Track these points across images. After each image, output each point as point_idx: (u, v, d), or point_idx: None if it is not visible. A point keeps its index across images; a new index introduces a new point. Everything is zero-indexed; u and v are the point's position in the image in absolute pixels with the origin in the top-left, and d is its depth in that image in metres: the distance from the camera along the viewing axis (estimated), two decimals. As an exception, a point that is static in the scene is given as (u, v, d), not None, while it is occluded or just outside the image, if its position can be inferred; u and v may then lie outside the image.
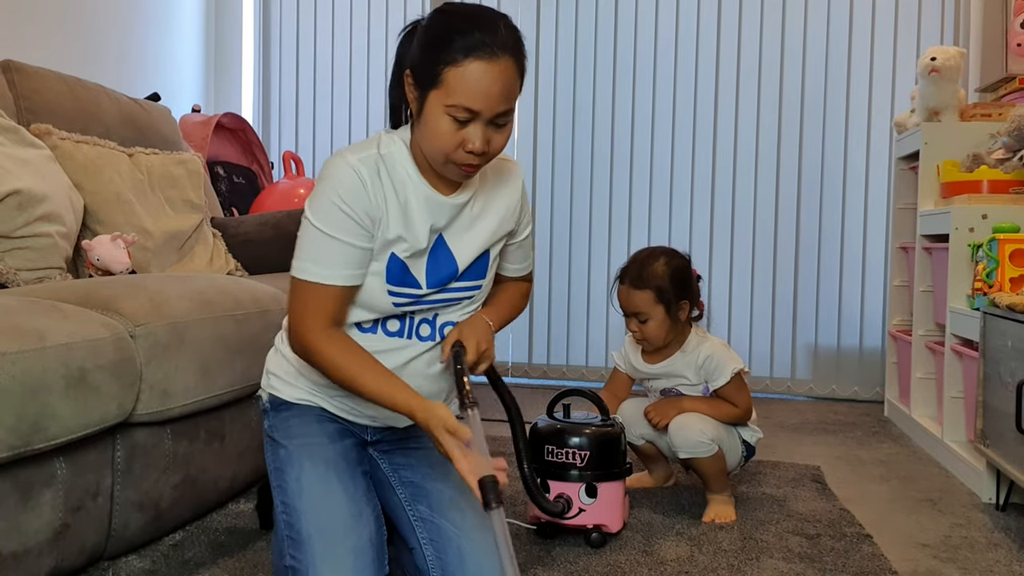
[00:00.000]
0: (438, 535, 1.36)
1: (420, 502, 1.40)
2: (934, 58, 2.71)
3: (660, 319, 1.94)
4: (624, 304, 1.97)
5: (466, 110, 1.21)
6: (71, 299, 1.50)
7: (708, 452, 1.90)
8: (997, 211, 2.33)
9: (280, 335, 1.46)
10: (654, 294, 1.92)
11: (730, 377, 1.96)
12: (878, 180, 3.46)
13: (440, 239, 1.35)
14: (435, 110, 1.22)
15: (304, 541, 1.29)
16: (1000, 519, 1.99)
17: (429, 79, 1.21)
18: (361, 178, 1.27)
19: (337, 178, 1.27)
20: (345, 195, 1.26)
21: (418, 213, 1.31)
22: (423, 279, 1.34)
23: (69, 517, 1.39)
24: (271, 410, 1.44)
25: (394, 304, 1.34)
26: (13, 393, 1.22)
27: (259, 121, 4.01)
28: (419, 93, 1.24)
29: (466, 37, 1.20)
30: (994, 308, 2.01)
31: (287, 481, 1.36)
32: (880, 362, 3.41)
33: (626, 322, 2.00)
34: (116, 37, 3.25)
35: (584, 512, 1.72)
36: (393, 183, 1.30)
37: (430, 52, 1.21)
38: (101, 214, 2.24)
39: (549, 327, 3.77)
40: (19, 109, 2.26)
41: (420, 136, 1.27)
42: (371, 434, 1.48)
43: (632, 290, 1.94)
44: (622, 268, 1.99)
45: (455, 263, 1.36)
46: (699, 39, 3.58)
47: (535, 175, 3.75)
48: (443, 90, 1.20)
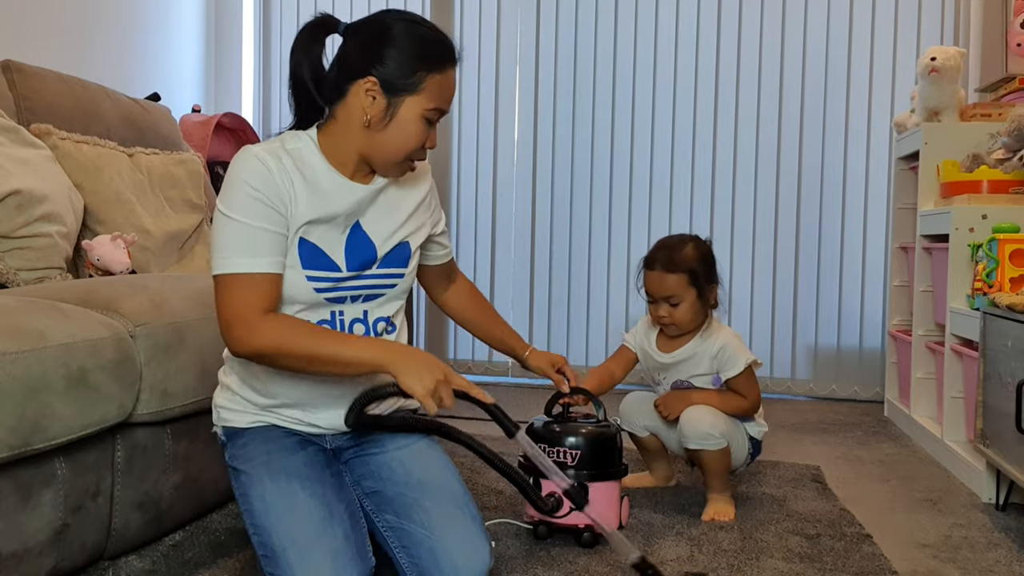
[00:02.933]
0: (408, 540, 1.37)
1: (386, 511, 1.41)
2: (934, 58, 2.71)
3: (691, 302, 1.94)
4: (655, 289, 1.95)
5: (439, 112, 1.34)
6: (71, 299, 1.50)
7: (716, 446, 1.91)
8: (997, 211, 2.33)
9: (221, 371, 1.48)
10: (687, 277, 1.93)
11: (743, 368, 1.95)
12: (878, 180, 3.46)
13: (357, 224, 1.39)
14: (410, 113, 1.32)
15: (279, 555, 1.28)
16: (1000, 519, 1.99)
17: (406, 86, 1.30)
18: (267, 165, 1.30)
19: (245, 169, 1.30)
20: (255, 182, 1.29)
21: (333, 196, 1.35)
22: (342, 261, 1.37)
23: (69, 517, 1.39)
24: (228, 441, 1.45)
25: (315, 289, 1.35)
26: (13, 393, 1.22)
27: (259, 121, 4.01)
28: (389, 99, 1.31)
29: (445, 50, 1.33)
30: (994, 308, 2.01)
31: (251, 502, 1.35)
32: (880, 362, 3.41)
33: (653, 309, 1.98)
34: (116, 37, 3.25)
35: (576, 511, 1.72)
36: (300, 170, 1.34)
37: (414, 62, 1.30)
38: (101, 214, 2.24)
39: (549, 327, 3.77)
40: (19, 109, 2.26)
41: (378, 138, 1.33)
42: (329, 441, 1.47)
43: (665, 274, 1.93)
44: (649, 255, 1.98)
45: (373, 247, 1.40)
46: (699, 39, 3.58)
47: (535, 175, 3.75)
48: (423, 95, 1.31)
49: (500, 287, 3.81)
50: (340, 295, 1.38)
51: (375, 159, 1.36)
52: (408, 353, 1.26)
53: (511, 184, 3.80)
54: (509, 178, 3.80)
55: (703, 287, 1.95)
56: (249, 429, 1.43)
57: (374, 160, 1.37)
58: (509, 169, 3.80)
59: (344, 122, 1.34)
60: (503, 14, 3.71)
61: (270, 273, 1.29)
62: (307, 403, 1.41)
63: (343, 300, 1.39)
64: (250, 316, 1.27)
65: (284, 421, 1.43)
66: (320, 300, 1.37)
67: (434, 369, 1.24)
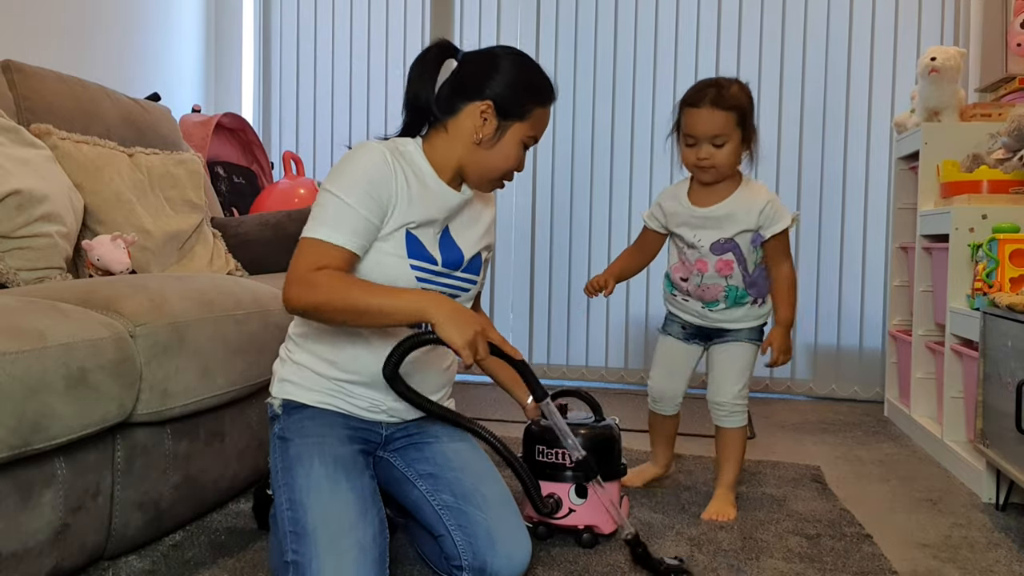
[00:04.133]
0: (466, 521, 1.43)
1: (442, 492, 1.47)
2: (934, 58, 2.71)
3: (735, 145, 1.87)
4: (703, 127, 1.85)
5: (535, 139, 1.52)
6: (71, 299, 1.50)
7: (739, 423, 2.00)
8: (997, 211, 2.33)
9: (284, 347, 1.55)
10: (736, 116, 1.85)
11: (790, 222, 1.93)
12: (878, 180, 3.46)
13: (447, 230, 1.53)
14: (514, 138, 1.48)
15: (308, 534, 1.31)
16: (1000, 519, 1.99)
17: (517, 113, 1.47)
18: (387, 160, 1.42)
19: (366, 156, 1.42)
20: (373, 173, 1.40)
21: (435, 198, 1.49)
22: (438, 256, 1.50)
23: (69, 517, 1.39)
24: (283, 414, 1.49)
25: (416, 278, 1.46)
26: (13, 393, 1.22)
27: (259, 121, 4.01)
28: (500, 122, 1.47)
29: (550, 87, 1.51)
30: (994, 308, 2.01)
31: (295, 478, 1.39)
32: (880, 362, 3.41)
33: (690, 153, 1.88)
34: (116, 37, 3.25)
35: (575, 512, 1.72)
36: (413, 172, 1.47)
37: (525, 93, 1.47)
38: (101, 214, 2.24)
39: (549, 327, 3.77)
40: (19, 109, 2.26)
41: (484, 155, 1.48)
42: (386, 428, 1.53)
43: (716, 110, 1.83)
44: (693, 93, 1.87)
45: (461, 252, 1.53)
46: (699, 39, 3.58)
47: (535, 175, 3.75)
48: (528, 123, 1.49)
49: (500, 287, 3.81)
50: (432, 287, 1.49)
51: (473, 173, 1.50)
52: (449, 304, 1.34)
53: (511, 184, 3.79)
54: (509, 178, 3.80)
55: (749, 130, 1.88)
56: (311, 407, 1.48)
57: (472, 173, 1.51)
58: (509, 169, 3.79)
59: (453, 136, 1.48)
60: (503, 14, 3.71)
61: (346, 249, 1.37)
62: (382, 384, 1.43)
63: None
64: (308, 274, 1.34)
65: (351, 401, 1.49)
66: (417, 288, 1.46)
67: (473, 321, 1.32)
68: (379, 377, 1.42)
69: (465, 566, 1.41)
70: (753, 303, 1.99)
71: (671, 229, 2.02)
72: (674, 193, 2.02)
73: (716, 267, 1.95)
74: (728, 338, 2.01)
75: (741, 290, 1.97)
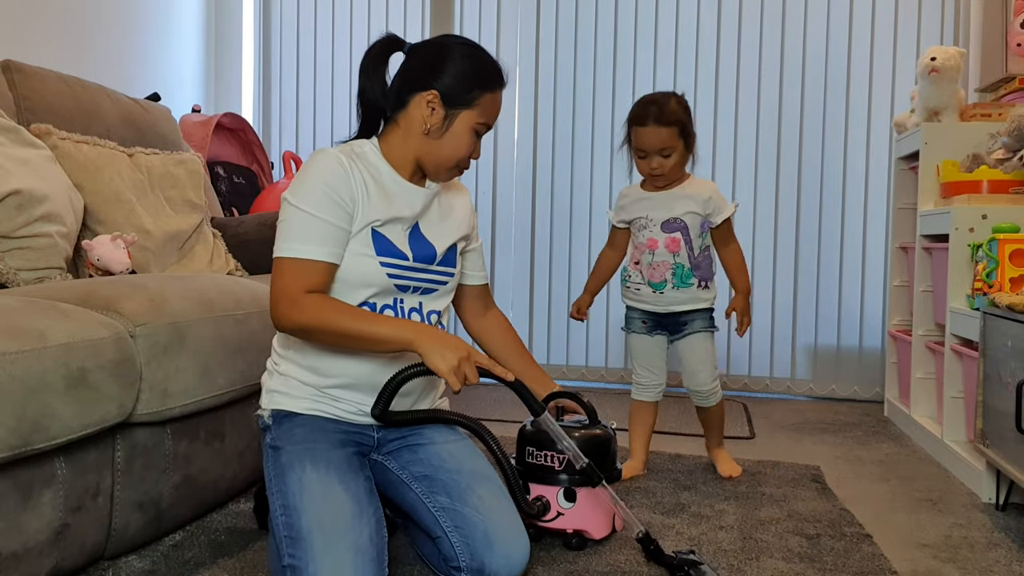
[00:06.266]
0: (462, 522, 1.43)
1: (438, 493, 1.47)
2: (934, 58, 2.71)
3: (681, 152, 2.12)
4: (650, 143, 2.10)
5: (487, 126, 1.51)
6: (71, 299, 1.50)
7: (716, 399, 2.26)
8: (997, 211, 2.33)
9: (270, 360, 1.56)
10: (677, 129, 2.10)
11: (732, 211, 2.20)
12: (878, 180, 3.46)
13: (416, 226, 1.53)
14: (463, 125, 1.48)
15: (304, 538, 1.31)
16: (1000, 519, 1.99)
17: (463, 101, 1.47)
18: (343, 165, 1.44)
19: (323, 165, 1.43)
20: (331, 180, 1.42)
21: (398, 198, 1.50)
22: (408, 252, 1.50)
23: (69, 517, 1.39)
24: (273, 424, 1.49)
25: (387, 275, 1.47)
26: (13, 393, 1.22)
27: (259, 121, 4.01)
28: (447, 111, 1.47)
29: (497, 72, 1.51)
30: (994, 308, 2.01)
31: (288, 483, 1.38)
32: (880, 362, 3.41)
33: (643, 164, 2.14)
34: (116, 37, 3.25)
35: (563, 516, 1.71)
36: (369, 172, 1.48)
37: (471, 81, 1.47)
38: (101, 214, 2.24)
39: (549, 327, 3.77)
40: (19, 109, 2.26)
41: (434, 145, 1.49)
42: (377, 431, 1.53)
43: (660, 127, 2.08)
44: (637, 112, 2.13)
45: (432, 247, 1.54)
46: (699, 39, 3.58)
47: (535, 175, 3.75)
48: (476, 110, 1.48)
49: (500, 287, 3.81)
50: (406, 283, 1.50)
51: (429, 164, 1.52)
52: (433, 333, 1.37)
53: (511, 184, 3.81)
54: (509, 178, 3.80)
55: (689, 138, 2.13)
56: (301, 415, 1.48)
57: (428, 164, 1.52)
58: (509, 169, 3.80)
59: (405, 129, 1.50)
60: (503, 14, 3.72)
61: (323, 262, 1.41)
62: (365, 385, 1.47)
63: (407, 289, 1.51)
64: (296, 294, 1.38)
65: (339, 406, 1.49)
66: (390, 286, 1.48)
67: (458, 348, 1.35)
68: (362, 379, 1.46)
69: (463, 567, 1.41)
70: (698, 286, 2.19)
71: (630, 218, 2.25)
72: (630, 190, 2.29)
73: (665, 243, 2.17)
74: (685, 331, 2.22)
75: (687, 269, 2.17)
